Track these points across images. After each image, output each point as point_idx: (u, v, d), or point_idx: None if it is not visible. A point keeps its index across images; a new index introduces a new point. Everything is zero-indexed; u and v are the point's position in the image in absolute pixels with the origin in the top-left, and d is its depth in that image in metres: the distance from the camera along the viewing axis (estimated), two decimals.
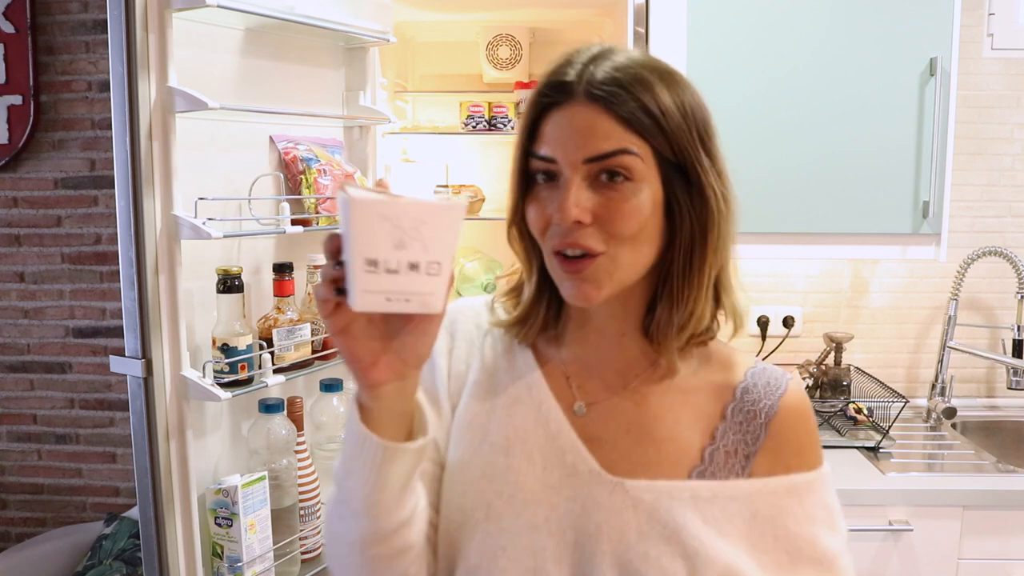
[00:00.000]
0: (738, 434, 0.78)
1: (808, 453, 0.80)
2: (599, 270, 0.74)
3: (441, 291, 0.63)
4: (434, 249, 0.61)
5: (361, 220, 0.59)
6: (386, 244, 0.60)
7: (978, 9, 2.20)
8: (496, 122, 2.07)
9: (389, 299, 0.61)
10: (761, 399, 0.79)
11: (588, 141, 0.72)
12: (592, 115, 0.73)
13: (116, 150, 1.32)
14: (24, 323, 2.69)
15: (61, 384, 2.71)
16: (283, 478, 1.52)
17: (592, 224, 0.73)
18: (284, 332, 1.49)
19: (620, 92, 0.72)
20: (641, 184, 0.73)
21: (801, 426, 0.80)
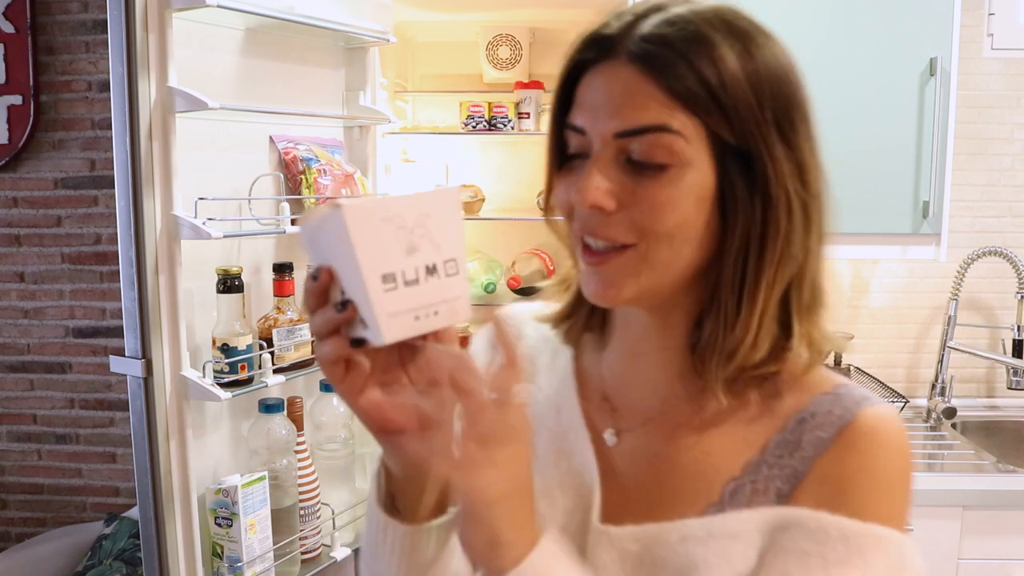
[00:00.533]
0: (775, 469, 0.63)
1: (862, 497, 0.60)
2: (624, 267, 0.61)
3: (464, 292, 0.54)
4: (446, 245, 0.53)
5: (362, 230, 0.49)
6: (397, 251, 0.51)
7: (978, 9, 2.20)
8: (496, 122, 2.07)
9: (418, 317, 0.52)
10: (816, 429, 0.63)
11: (622, 111, 0.59)
12: (631, 79, 0.59)
13: (116, 150, 1.32)
14: (24, 323, 2.69)
15: (61, 384, 2.71)
16: (283, 478, 1.52)
17: (618, 212, 0.60)
18: (284, 332, 1.49)
19: (668, 52, 0.58)
20: (684, 170, 0.59)
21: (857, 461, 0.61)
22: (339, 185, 1.62)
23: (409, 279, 0.51)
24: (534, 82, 2.10)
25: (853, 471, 0.61)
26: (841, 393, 0.65)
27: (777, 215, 0.60)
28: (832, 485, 0.61)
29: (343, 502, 1.68)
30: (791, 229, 0.61)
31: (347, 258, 0.50)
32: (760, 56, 0.60)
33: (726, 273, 0.62)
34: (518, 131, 2.07)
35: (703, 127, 0.59)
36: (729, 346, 0.62)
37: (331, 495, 1.65)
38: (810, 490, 0.62)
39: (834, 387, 0.65)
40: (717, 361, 0.63)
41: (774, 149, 0.60)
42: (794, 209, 0.61)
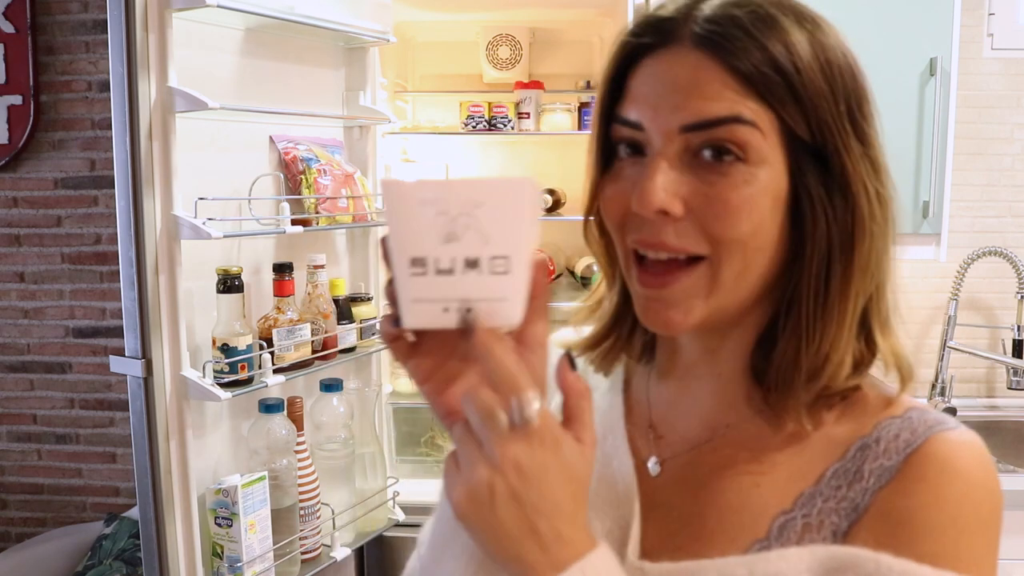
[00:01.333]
0: (831, 502, 0.55)
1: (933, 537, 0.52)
2: (692, 286, 0.55)
3: (515, 295, 0.48)
4: (498, 240, 0.47)
5: (399, 209, 0.47)
6: (433, 237, 0.47)
7: (978, 9, 2.20)
8: (496, 122, 2.07)
9: (446, 308, 0.48)
10: (880, 457, 0.55)
11: (689, 101, 0.52)
12: (698, 65, 0.52)
13: (116, 150, 1.32)
14: (24, 323, 2.69)
15: (61, 384, 2.71)
16: (283, 478, 1.52)
17: (685, 218, 0.54)
18: (284, 332, 1.49)
19: (739, 35, 0.52)
20: (758, 168, 0.53)
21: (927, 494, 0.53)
22: (339, 185, 1.62)
23: (443, 268, 0.47)
24: (534, 82, 2.10)
25: (921, 505, 0.52)
26: (912, 417, 0.56)
27: (862, 214, 0.55)
28: (896, 521, 0.53)
29: (343, 502, 1.68)
30: (876, 227, 0.56)
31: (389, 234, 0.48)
32: (829, 43, 0.55)
33: (807, 284, 0.56)
34: (518, 131, 2.07)
35: (776, 120, 0.53)
36: (813, 365, 0.56)
37: (331, 495, 1.65)
38: (871, 526, 0.53)
39: (905, 410, 0.57)
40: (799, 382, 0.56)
41: (850, 144, 0.54)
42: (875, 207, 0.55)
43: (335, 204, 1.61)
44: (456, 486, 0.47)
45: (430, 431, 2.12)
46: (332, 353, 1.61)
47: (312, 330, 1.55)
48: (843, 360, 0.56)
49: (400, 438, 2.07)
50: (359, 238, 1.85)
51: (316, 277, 1.59)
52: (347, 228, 1.78)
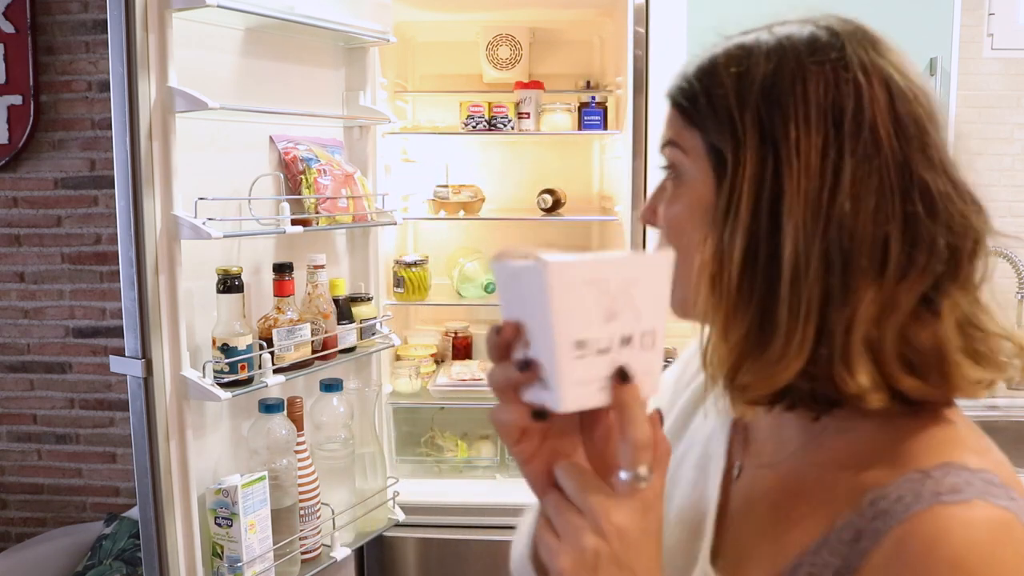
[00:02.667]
0: (834, 556, 0.54)
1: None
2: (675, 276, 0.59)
3: (659, 368, 0.50)
4: (648, 315, 0.48)
5: (564, 291, 0.46)
6: (596, 317, 0.47)
7: (978, 9, 2.20)
8: (496, 122, 2.07)
9: (603, 388, 0.48)
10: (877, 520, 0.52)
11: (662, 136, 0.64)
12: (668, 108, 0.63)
13: (116, 150, 1.32)
14: (24, 323, 2.69)
15: (61, 384, 2.71)
16: (283, 478, 1.52)
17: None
18: (284, 332, 1.49)
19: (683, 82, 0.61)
20: (683, 181, 0.61)
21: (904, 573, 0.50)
22: (339, 185, 1.62)
23: (602, 348, 0.48)
24: (534, 82, 2.10)
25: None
26: (933, 475, 0.51)
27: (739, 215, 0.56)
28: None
29: (343, 502, 1.68)
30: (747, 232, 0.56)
31: (541, 316, 0.47)
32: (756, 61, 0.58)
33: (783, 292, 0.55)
34: (518, 131, 2.07)
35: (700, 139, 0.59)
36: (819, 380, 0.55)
37: (331, 495, 1.65)
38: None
39: (936, 465, 0.52)
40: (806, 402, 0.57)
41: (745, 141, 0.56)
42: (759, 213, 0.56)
43: (335, 204, 1.61)
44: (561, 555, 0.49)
45: (430, 431, 2.12)
46: (332, 353, 1.61)
47: (312, 330, 1.55)
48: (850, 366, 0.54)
49: (400, 438, 2.07)
50: (359, 238, 1.85)
51: (316, 277, 1.59)
52: (347, 228, 1.78)
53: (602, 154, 2.36)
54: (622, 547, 0.48)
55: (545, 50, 2.30)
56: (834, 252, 0.53)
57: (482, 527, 1.87)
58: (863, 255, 0.53)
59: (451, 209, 2.10)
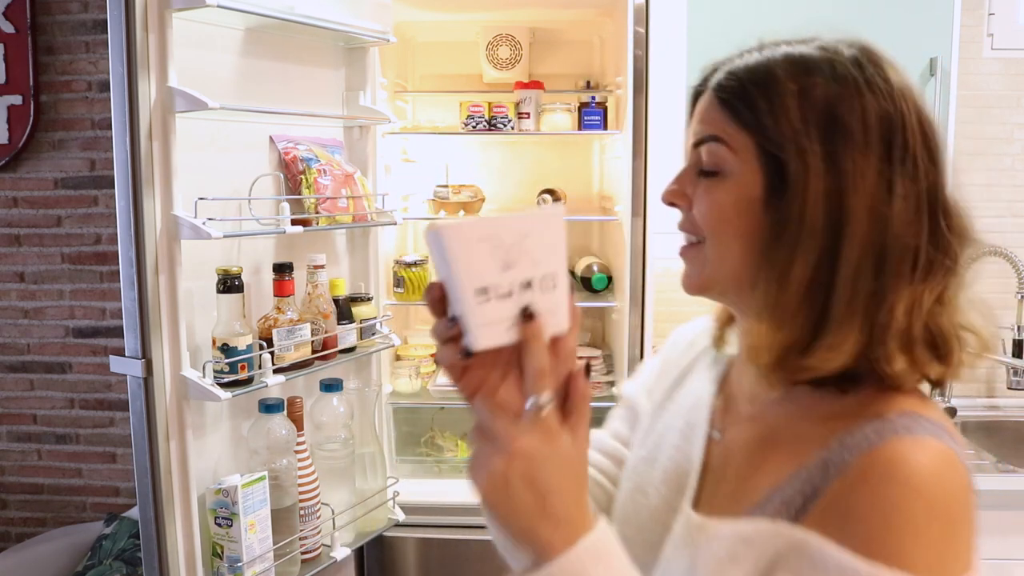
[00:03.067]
0: (805, 486, 0.63)
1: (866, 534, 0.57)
2: (695, 258, 0.72)
3: (563, 306, 0.58)
4: (544, 262, 0.57)
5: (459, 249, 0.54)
6: (492, 268, 0.55)
7: (978, 9, 2.20)
8: (496, 122, 2.07)
9: (510, 327, 0.57)
10: (844, 452, 0.62)
11: (698, 126, 0.71)
12: (711, 104, 0.70)
13: (116, 150, 1.32)
14: (24, 323, 2.69)
15: (61, 384, 2.71)
16: (283, 478, 1.52)
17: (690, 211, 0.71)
18: (284, 332, 1.49)
19: (738, 84, 0.68)
20: (729, 176, 0.67)
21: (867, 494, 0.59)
22: (339, 185, 1.62)
23: (503, 293, 0.56)
24: (534, 82, 2.10)
25: (859, 503, 0.59)
26: (893, 420, 0.61)
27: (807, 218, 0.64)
28: (837, 514, 0.60)
29: (343, 502, 1.68)
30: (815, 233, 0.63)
31: (449, 271, 0.55)
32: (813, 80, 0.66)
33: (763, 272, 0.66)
34: (518, 131, 2.07)
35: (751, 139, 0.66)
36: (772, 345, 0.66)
37: (331, 495, 1.65)
38: (817, 514, 0.61)
39: (897, 414, 0.62)
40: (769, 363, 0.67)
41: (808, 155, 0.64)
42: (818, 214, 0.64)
43: (335, 204, 1.61)
44: (477, 478, 0.56)
45: (430, 431, 2.12)
46: (332, 353, 1.61)
47: (312, 330, 1.55)
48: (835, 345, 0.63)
49: (400, 438, 2.07)
50: (359, 238, 1.85)
51: (316, 277, 1.59)
52: (347, 228, 1.78)
53: (602, 154, 2.36)
54: (529, 467, 0.55)
55: (545, 50, 2.30)
56: (883, 260, 0.63)
57: (482, 527, 1.86)
58: (904, 262, 0.63)
59: (451, 209, 2.10)
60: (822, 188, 0.63)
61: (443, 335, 0.57)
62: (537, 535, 0.55)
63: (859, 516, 0.58)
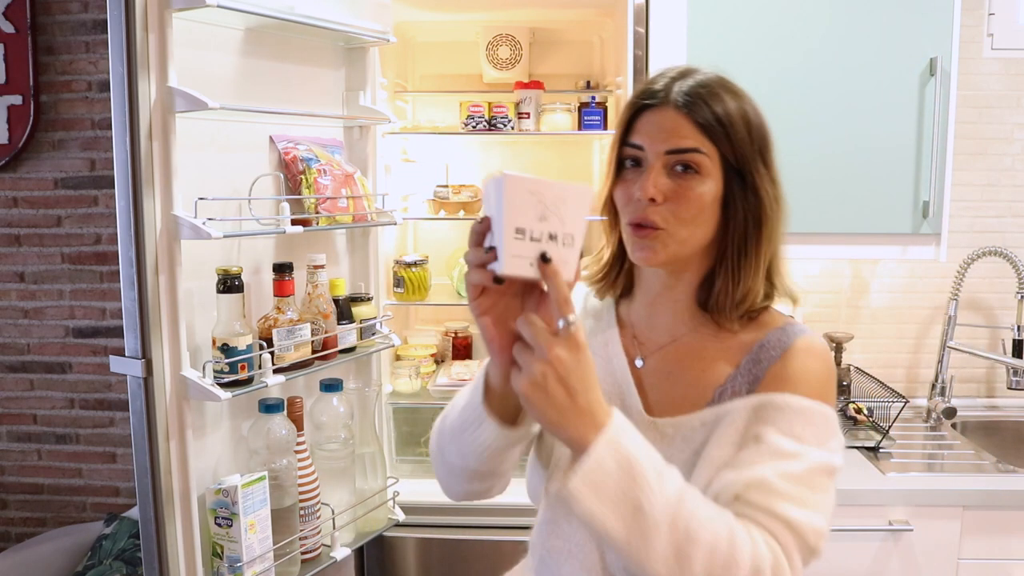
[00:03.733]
0: (746, 378, 0.92)
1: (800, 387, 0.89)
2: (657, 240, 0.91)
3: (573, 261, 0.75)
4: (570, 224, 0.74)
5: (512, 193, 0.71)
6: (532, 215, 0.72)
7: (978, 9, 2.20)
8: (496, 122, 2.07)
9: (532, 264, 0.73)
10: (770, 350, 0.92)
11: (671, 137, 0.89)
12: (677, 118, 0.89)
13: (116, 150, 1.32)
14: (24, 323, 2.69)
15: (61, 384, 2.71)
16: (283, 478, 1.52)
17: (663, 204, 0.90)
18: (284, 332, 1.49)
19: (700, 103, 0.89)
20: (706, 179, 0.90)
21: (798, 363, 0.91)
22: (339, 185, 1.62)
23: (534, 237, 0.72)
24: (534, 82, 2.10)
25: (793, 372, 0.91)
26: (786, 328, 0.95)
27: (765, 207, 0.92)
28: (780, 381, 0.90)
29: (343, 502, 1.68)
30: (773, 216, 0.93)
31: (497, 209, 0.71)
32: (749, 108, 0.93)
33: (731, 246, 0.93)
34: (518, 131, 2.07)
35: (717, 152, 0.90)
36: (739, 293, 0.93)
37: (331, 495, 1.65)
38: (770, 384, 0.91)
39: (784, 324, 0.96)
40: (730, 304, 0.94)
41: (759, 168, 0.92)
42: (773, 204, 0.93)
43: (335, 204, 1.61)
44: (522, 380, 0.74)
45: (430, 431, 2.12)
46: (332, 353, 1.61)
47: (312, 330, 1.55)
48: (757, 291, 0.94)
49: (400, 438, 2.07)
50: (359, 238, 1.85)
51: (316, 277, 1.59)
52: (347, 228, 1.78)
53: (602, 154, 2.36)
54: (563, 370, 0.74)
55: (545, 50, 2.30)
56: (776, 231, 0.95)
57: (482, 527, 1.87)
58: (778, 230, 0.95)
59: (451, 209, 2.10)
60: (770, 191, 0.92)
61: (478, 260, 0.76)
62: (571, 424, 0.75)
63: (801, 377, 0.90)
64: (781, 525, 0.80)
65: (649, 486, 0.75)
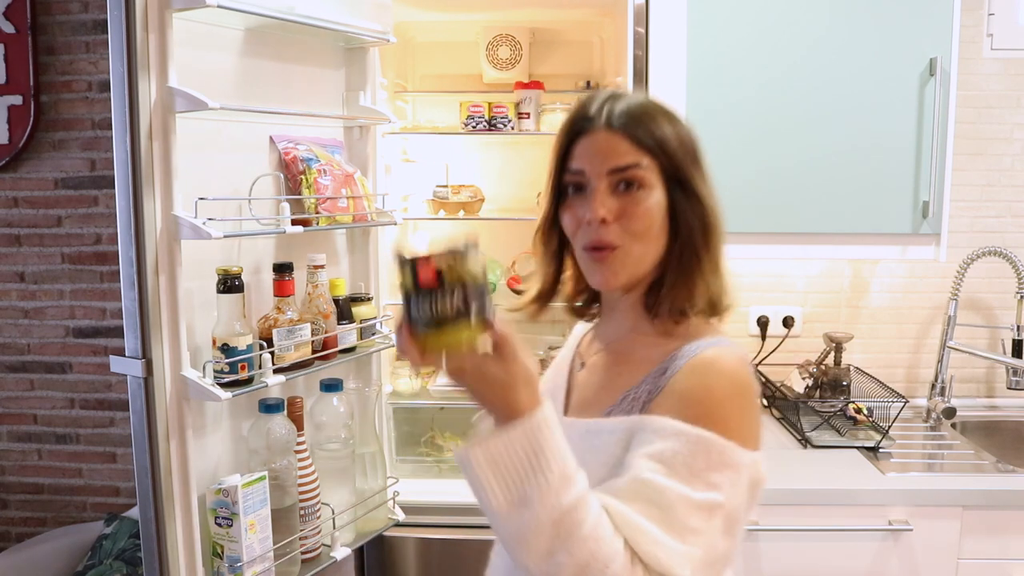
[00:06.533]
0: (647, 386, 0.91)
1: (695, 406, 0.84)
2: (615, 261, 0.92)
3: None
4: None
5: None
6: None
7: (978, 9, 2.20)
8: (496, 122, 2.07)
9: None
10: (677, 360, 0.90)
11: (609, 157, 0.92)
12: (612, 138, 0.92)
13: (116, 150, 1.32)
14: (24, 323, 2.69)
15: (61, 384, 2.71)
16: (283, 478, 1.52)
17: (614, 222, 0.91)
18: (284, 332, 1.49)
19: (632, 122, 0.92)
20: (651, 191, 0.92)
21: (690, 379, 0.87)
22: (339, 185, 1.62)
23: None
24: (534, 82, 2.10)
25: (690, 385, 0.87)
26: (702, 340, 0.92)
27: (709, 211, 0.94)
28: (672, 398, 0.87)
29: (343, 502, 1.68)
30: (716, 219, 0.94)
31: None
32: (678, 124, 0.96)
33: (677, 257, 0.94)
34: (518, 131, 2.07)
35: (656, 164, 0.92)
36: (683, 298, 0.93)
37: (331, 495, 1.65)
38: (660, 401, 0.88)
39: (706, 335, 0.93)
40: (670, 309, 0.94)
41: (694, 175, 0.94)
42: (715, 207, 0.95)
43: (335, 204, 1.61)
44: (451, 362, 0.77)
45: (430, 431, 2.12)
46: (332, 353, 1.61)
47: (312, 330, 1.55)
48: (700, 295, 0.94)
49: (400, 438, 2.07)
50: (359, 238, 1.85)
51: (316, 277, 1.59)
52: (347, 228, 1.78)
53: None
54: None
55: (545, 50, 2.30)
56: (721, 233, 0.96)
57: (482, 527, 1.87)
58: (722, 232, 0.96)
59: (451, 209, 2.10)
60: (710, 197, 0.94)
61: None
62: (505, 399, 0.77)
63: (688, 396, 0.86)
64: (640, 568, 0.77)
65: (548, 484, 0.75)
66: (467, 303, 0.74)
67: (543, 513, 0.74)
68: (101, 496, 2.76)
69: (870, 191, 1.91)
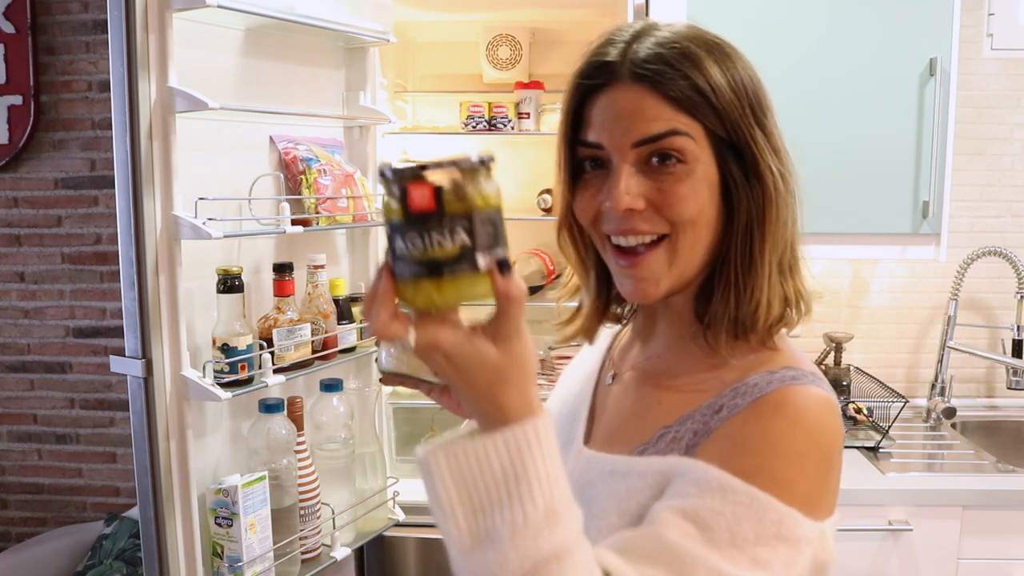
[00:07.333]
0: (697, 424, 0.69)
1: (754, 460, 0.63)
2: (657, 261, 0.70)
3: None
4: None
5: None
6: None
7: (978, 9, 2.20)
8: (496, 122, 2.07)
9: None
10: (737, 398, 0.68)
11: (635, 124, 0.67)
12: (638, 96, 0.67)
13: (116, 150, 1.32)
14: (24, 323, 2.69)
15: (61, 384, 2.71)
16: (283, 478, 1.52)
17: (647, 209, 0.68)
18: (284, 332, 1.49)
19: (666, 70, 0.67)
20: (695, 165, 0.68)
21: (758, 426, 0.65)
22: (339, 185, 1.62)
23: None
24: (534, 82, 2.10)
25: (751, 432, 0.65)
26: (780, 373, 0.69)
27: (769, 190, 0.70)
28: (727, 444, 0.65)
29: (343, 502, 1.68)
30: (780, 199, 0.70)
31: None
32: (735, 64, 0.70)
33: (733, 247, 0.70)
34: (518, 131, 2.07)
35: (702, 128, 0.68)
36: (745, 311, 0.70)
37: (331, 495, 1.65)
38: (711, 445, 0.66)
39: (780, 367, 0.70)
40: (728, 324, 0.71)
41: (757, 138, 0.69)
42: (779, 183, 0.70)
43: (335, 204, 1.61)
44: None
45: (430, 431, 2.12)
46: (332, 353, 1.61)
47: (312, 330, 1.55)
48: (771, 302, 0.70)
49: (400, 438, 2.07)
50: (359, 238, 1.85)
51: (316, 277, 1.59)
52: (347, 228, 1.78)
53: None
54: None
55: (545, 50, 2.30)
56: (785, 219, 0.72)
57: None
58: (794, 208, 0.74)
59: None
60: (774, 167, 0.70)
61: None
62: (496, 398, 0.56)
63: (748, 446, 0.64)
64: None
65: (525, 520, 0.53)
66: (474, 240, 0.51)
67: (512, 558, 0.53)
68: (101, 496, 2.76)
69: (870, 191, 1.91)
